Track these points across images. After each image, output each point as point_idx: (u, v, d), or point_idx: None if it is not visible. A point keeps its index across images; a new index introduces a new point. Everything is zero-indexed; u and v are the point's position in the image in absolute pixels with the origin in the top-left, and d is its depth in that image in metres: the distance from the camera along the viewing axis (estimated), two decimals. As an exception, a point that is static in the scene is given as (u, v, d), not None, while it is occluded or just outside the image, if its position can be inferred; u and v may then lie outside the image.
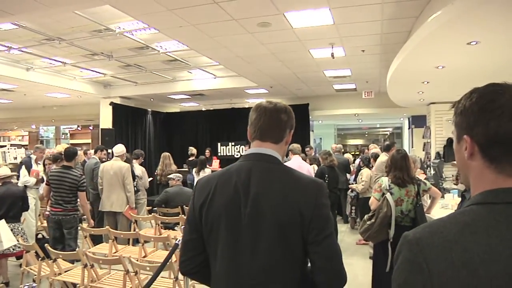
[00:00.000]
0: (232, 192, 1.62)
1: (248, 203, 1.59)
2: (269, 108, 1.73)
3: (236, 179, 1.64)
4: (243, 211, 1.59)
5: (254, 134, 1.74)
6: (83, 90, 12.04)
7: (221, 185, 1.66)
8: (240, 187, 1.62)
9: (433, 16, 4.61)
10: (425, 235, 0.95)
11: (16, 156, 9.89)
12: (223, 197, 1.64)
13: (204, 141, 15.02)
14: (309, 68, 9.56)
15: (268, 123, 1.71)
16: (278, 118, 1.72)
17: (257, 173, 1.63)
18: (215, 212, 1.63)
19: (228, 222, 1.61)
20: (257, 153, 1.70)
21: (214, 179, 1.71)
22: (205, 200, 1.66)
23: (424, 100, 10.36)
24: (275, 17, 6.01)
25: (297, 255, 1.56)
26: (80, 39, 7.65)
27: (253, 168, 1.65)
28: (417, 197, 4.28)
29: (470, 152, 1.02)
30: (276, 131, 1.72)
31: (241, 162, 1.71)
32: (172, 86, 12.45)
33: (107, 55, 8.84)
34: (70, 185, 5.55)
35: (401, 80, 7.93)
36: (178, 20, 6.02)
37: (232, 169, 1.70)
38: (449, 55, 5.87)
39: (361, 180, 7.54)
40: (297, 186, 1.60)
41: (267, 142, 1.71)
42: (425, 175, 6.68)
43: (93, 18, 6.56)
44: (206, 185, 1.71)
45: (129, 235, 6.06)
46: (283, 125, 1.73)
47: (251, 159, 1.70)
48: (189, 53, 8.70)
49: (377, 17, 6.09)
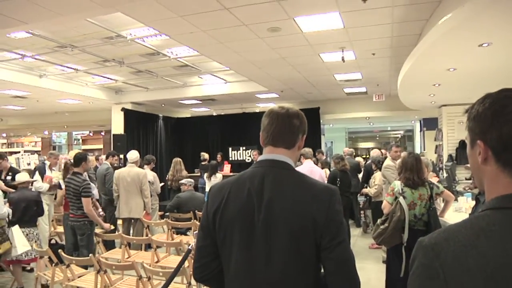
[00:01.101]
0: (245, 198, 1.63)
1: (262, 210, 1.59)
2: (282, 113, 1.73)
3: (249, 185, 1.65)
4: (256, 218, 1.60)
5: (267, 139, 1.74)
6: (95, 96, 12.15)
7: (234, 192, 1.67)
8: (253, 193, 1.63)
9: (444, 18, 4.58)
10: (441, 241, 0.95)
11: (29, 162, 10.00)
12: (236, 203, 1.64)
13: (215, 146, 15.02)
14: (320, 72, 9.53)
15: (280, 128, 1.72)
16: (291, 124, 1.72)
17: (270, 180, 1.64)
18: (229, 218, 1.64)
19: (242, 229, 1.62)
20: (270, 159, 1.70)
21: (228, 185, 1.71)
22: (218, 206, 1.67)
23: (435, 103, 10.26)
24: (285, 21, 6.01)
25: (311, 261, 1.57)
26: (92, 46, 7.73)
27: (266, 175, 1.65)
28: (430, 200, 4.25)
29: (484, 157, 1.02)
30: (289, 137, 1.73)
31: (254, 169, 1.71)
32: (183, 92, 12.48)
33: (118, 61, 8.91)
34: (74, 191, 5.55)
35: (412, 83, 7.87)
36: (188, 26, 6.06)
37: (246, 176, 1.70)
38: (461, 57, 5.83)
39: (373, 184, 7.49)
40: (310, 192, 1.60)
41: (279, 148, 1.71)
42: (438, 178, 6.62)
43: (105, 25, 6.63)
44: (219, 191, 1.71)
45: (142, 241, 6.08)
46: (295, 130, 1.73)
47: (264, 165, 1.70)
48: (200, 58, 8.72)
49: (387, 20, 6.07)
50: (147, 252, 5.92)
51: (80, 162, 5.66)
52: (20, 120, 17.51)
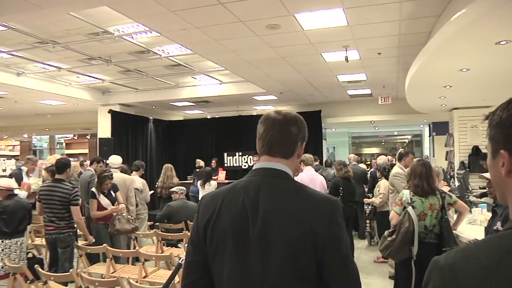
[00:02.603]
0: (239, 209, 1.61)
1: (257, 222, 1.57)
2: (278, 120, 1.71)
3: (243, 196, 1.62)
4: (251, 231, 1.57)
5: (263, 148, 1.72)
6: (80, 97, 12.11)
7: (227, 202, 1.65)
8: (248, 204, 1.60)
9: (457, 14, 4.55)
10: (459, 261, 0.92)
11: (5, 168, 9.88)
12: (229, 215, 1.62)
13: (209, 151, 15.06)
14: (322, 73, 9.54)
15: (277, 137, 1.69)
16: (288, 131, 1.70)
17: (266, 190, 1.62)
18: (221, 231, 1.61)
19: (235, 242, 1.59)
20: (266, 168, 1.68)
21: (220, 195, 1.69)
22: (210, 219, 1.64)
23: (446, 106, 10.28)
24: (284, 18, 5.99)
25: (310, 278, 1.53)
26: (76, 42, 7.68)
27: (261, 184, 1.63)
28: (442, 211, 4.21)
29: (508, 168, 0.98)
30: (286, 145, 1.70)
31: (249, 178, 1.69)
32: (175, 93, 12.49)
33: (105, 59, 8.88)
34: (61, 199, 5.47)
35: (421, 85, 7.88)
36: (181, 22, 6.03)
37: (240, 185, 1.68)
38: (475, 56, 5.81)
39: (378, 193, 7.46)
40: (310, 204, 1.58)
41: (277, 157, 1.69)
42: (449, 187, 6.58)
43: (90, 20, 6.59)
44: (211, 202, 1.69)
45: (129, 254, 6.02)
46: (293, 138, 1.71)
47: (260, 174, 1.68)
48: (193, 57, 8.73)
49: (394, 17, 6.06)
50: (134, 266, 5.86)
51: (65, 168, 5.65)
52: (-4, 122, 17.44)
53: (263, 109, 15.04)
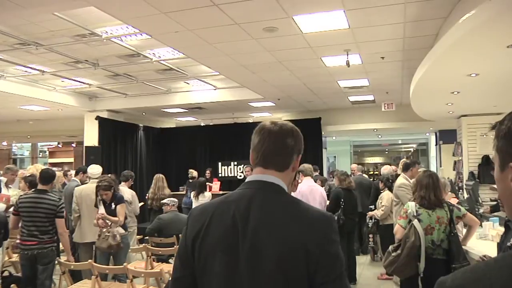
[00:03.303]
0: (229, 223, 1.62)
1: (247, 237, 1.58)
2: (274, 131, 1.73)
3: (234, 209, 1.63)
4: (241, 246, 1.58)
5: (257, 160, 1.74)
6: (65, 102, 12.06)
7: (217, 216, 1.66)
8: (238, 218, 1.61)
9: (465, 16, 4.56)
10: (468, 282, 0.90)
11: (-19, 179, 9.76)
12: (219, 229, 1.63)
13: (202, 161, 15.04)
14: (321, 78, 9.55)
15: (272, 148, 1.71)
16: (284, 143, 1.72)
17: (258, 203, 1.63)
18: (210, 246, 1.63)
19: (224, 258, 1.60)
20: (259, 180, 1.70)
21: (211, 208, 1.70)
22: (198, 232, 1.66)
23: (453, 113, 10.29)
24: (282, 21, 6.00)
25: None
26: (60, 44, 7.65)
27: (253, 197, 1.65)
28: (451, 224, 4.20)
29: None
30: (281, 158, 1.72)
31: (241, 190, 1.71)
32: (167, 99, 12.48)
33: (92, 63, 8.86)
34: (47, 211, 5.41)
35: (427, 91, 7.89)
36: (173, 24, 6.03)
37: (231, 198, 1.70)
38: (485, 60, 5.81)
39: (380, 205, 7.45)
40: (303, 219, 1.59)
41: (270, 170, 1.71)
42: (457, 200, 6.57)
43: (76, 21, 6.56)
44: (200, 215, 1.70)
45: (116, 270, 5.95)
46: (289, 150, 1.73)
47: (253, 187, 1.69)
48: (186, 61, 8.73)
49: (398, 19, 6.07)
50: (121, 283, 5.79)
51: (52, 179, 5.64)
52: (-28, 129, 17.26)
53: (259, 116, 15.08)
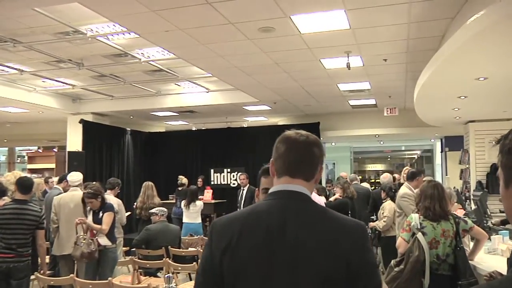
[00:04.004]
0: (263, 236, 1.65)
1: (285, 250, 1.61)
2: (301, 140, 1.78)
3: (267, 221, 1.67)
4: (278, 259, 1.61)
5: (282, 169, 1.77)
6: (46, 104, 12.00)
7: (248, 227, 1.69)
8: (273, 230, 1.64)
9: (474, 17, 4.58)
10: None
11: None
12: (252, 242, 1.66)
13: (194, 167, 15.05)
14: (320, 81, 9.58)
15: (300, 157, 1.77)
16: (311, 153, 1.78)
17: (294, 214, 1.67)
18: (242, 260, 1.65)
19: (259, 273, 1.62)
20: (289, 190, 1.73)
21: (238, 220, 1.74)
22: (227, 246, 1.67)
23: (460, 118, 10.32)
24: (279, 20, 6.01)
25: None
26: (41, 42, 7.60)
27: (287, 208, 1.68)
28: (457, 238, 4.19)
29: None
30: (309, 168, 1.78)
31: (270, 201, 1.74)
32: (156, 101, 12.47)
33: (76, 62, 8.82)
34: (30, 223, 5.35)
35: (432, 95, 7.93)
36: (163, 23, 6.03)
37: (260, 209, 1.74)
38: (494, 63, 5.83)
39: (382, 216, 7.44)
40: (341, 229, 1.66)
41: (298, 179, 1.75)
42: (463, 211, 6.56)
43: (59, 17, 6.50)
44: (227, 227, 1.73)
45: (100, 285, 5.90)
46: (316, 160, 1.79)
47: (283, 197, 1.72)
48: (177, 62, 8.72)
49: (402, 20, 6.10)
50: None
51: (31, 188, 5.58)
52: None
53: (254, 120, 15.03)
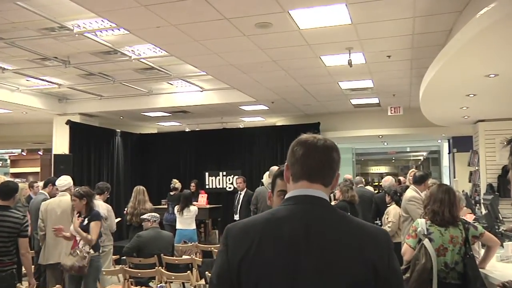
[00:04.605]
0: (287, 242, 1.66)
1: (312, 256, 1.63)
2: (320, 144, 1.81)
3: (290, 226, 1.68)
4: (303, 267, 1.63)
5: (301, 172, 1.79)
6: (30, 104, 11.98)
7: (268, 234, 1.69)
8: (298, 236, 1.66)
9: (484, 10, 4.55)
10: None
11: None
12: (274, 248, 1.66)
13: (187, 170, 15.06)
14: (321, 79, 9.60)
15: (320, 162, 1.79)
16: (331, 157, 1.81)
17: (317, 220, 1.69)
18: (264, 267, 1.65)
19: (283, 280, 1.64)
20: (309, 195, 1.75)
21: (256, 226, 1.74)
22: (246, 253, 1.67)
23: (469, 117, 10.30)
24: (277, 15, 6.01)
25: None
26: (25, 38, 7.58)
27: (309, 213, 1.71)
28: (466, 245, 4.17)
29: None
30: (328, 172, 1.80)
31: (289, 206, 1.75)
32: (148, 101, 12.48)
33: (62, 60, 8.82)
34: (11, 230, 5.32)
35: (439, 93, 7.93)
36: (155, 18, 6.02)
37: (280, 215, 1.74)
38: (505, 59, 5.81)
39: (387, 221, 7.43)
40: (366, 235, 1.69)
41: (317, 184, 1.77)
42: (473, 216, 6.55)
43: (43, 12, 6.49)
44: (245, 233, 1.73)
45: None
46: (334, 165, 1.82)
47: (304, 202, 1.74)
48: (169, 60, 8.72)
49: (407, 14, 6.09)
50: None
51: (12, 194, 5.51)
52: None
53: (251, 121, 15.00)
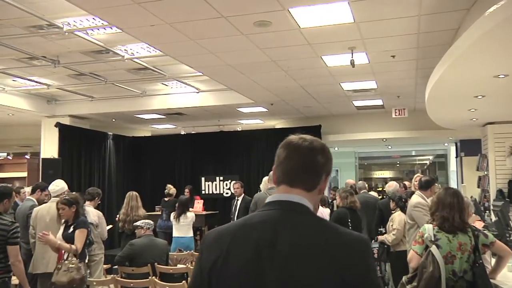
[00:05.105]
0: (253, 250, 1.65)
1: (276, 267, 1.61)
2: (304, 146, 1.80)
3: (258, 234, 1.68)
4: (269, 278, 1.61)
5: (282, 177, 1.80)
6: (17, 105, 11.98)
7: (238, 241, 1.70)
8: (264, 244, 1.65)
9: (494, 7, 4.54)
10: None
11: None
12: (241, 257, 1.66)
13: (183, 176, 15.07)
14: (322, 80, 9.61)
15: (300, 165, 1.78)
16: (314, 160, 1.79)
17: (288, 227, 1.67)
18: (230, 277, 1.66)
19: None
20: (285, 200, 1.75)
21: (228, 233, 1.75)
22: (216, 261, 1.69)
23: (477, 120, 10.32)
24: (277, 13, 6.02)
25: None
26: (11, 36, 7.57)
27: (280, 220, 1.69)
28: (475, 253, 4.15)
29: None
30: (310, 177, 1.79)
31: (264, 212, 1.75)
32: (141, 103, 12.48)
33: (51, 59, 8.81)
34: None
35: (446, 94, 7.93)
36: (149, 17, 6.02)
37: (253, 221, 1.74)
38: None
39: (391, 228, 7.41)
40: (340, 245, 1.64)
41: (297, 189, 1.76)
42: (482, 223, 6.53)
43: (31, 9, 6.47)
44: (217, 241, 1.75)
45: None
46: (319, 169, 1.80)
47: (278, 208, 1.74)
48: (164, 59, 8.73)
49: (413, 12, 6.10)
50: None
51: (2, 198, 5.48)
52: None
53: (249, 123, 15.05)
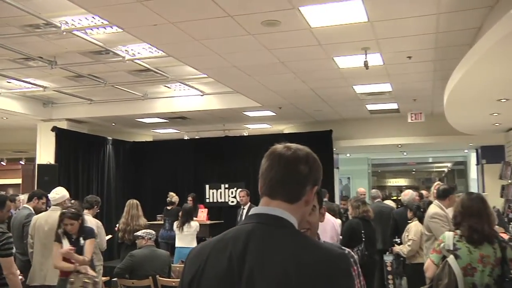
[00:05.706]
0: (225, 266, 1.68)
1: (242, 281, 1.63)
2: (286, 155, 1.80)
3: (231, 248, 1.70)
4: None
5: (264, 188, 1.80)
6: (11, 108, 12.00)
7: (213, 257, 1.73)
8: (234, 259, 1.67)
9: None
10: None
11: None
12: (214, 272, 1.70)
13: (186, 183, 15.04)
14: (333, 82, 9.61)
15: (281, 175, 1.78)
16: (296, 170, 1.78)
17: (256, 241, 1.68)
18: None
19: None
20: (262, 213, 1.76)
21: (208, 247, 1.79)
22: (194, 277, 1.74)
23: (500, 125, 10.31)
24: (286, 12, 6.02)
25: None
26: (6, 36, 7.58)
27: (252, 234, 1.70)
28: (503, 267, 4.05)
29: None
30: (292, 187, 1.78)
31: (242, 226, 1.78)
32: (143, 106, 12.51)
33: (48, 60, 8.83)
34: None
35: (466, 97, 7.93)
36: (151, 15, 6.03)
37: (229, 235, 1.76)
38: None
39: (407, 239, 7.37)
40: (304, 260, 1.61)
41: (277, 201, 1.77)
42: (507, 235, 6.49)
43: (27, 7, 6.47)
44: (197, 256, 1.79)
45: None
46: (301, 179, 1.79)
47: (255, 221, 1.75)
48: (167, 60, 8.74)
49: (431, 10, 6.08)
50: None
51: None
52: None
53: (256, 128, 15.10)
